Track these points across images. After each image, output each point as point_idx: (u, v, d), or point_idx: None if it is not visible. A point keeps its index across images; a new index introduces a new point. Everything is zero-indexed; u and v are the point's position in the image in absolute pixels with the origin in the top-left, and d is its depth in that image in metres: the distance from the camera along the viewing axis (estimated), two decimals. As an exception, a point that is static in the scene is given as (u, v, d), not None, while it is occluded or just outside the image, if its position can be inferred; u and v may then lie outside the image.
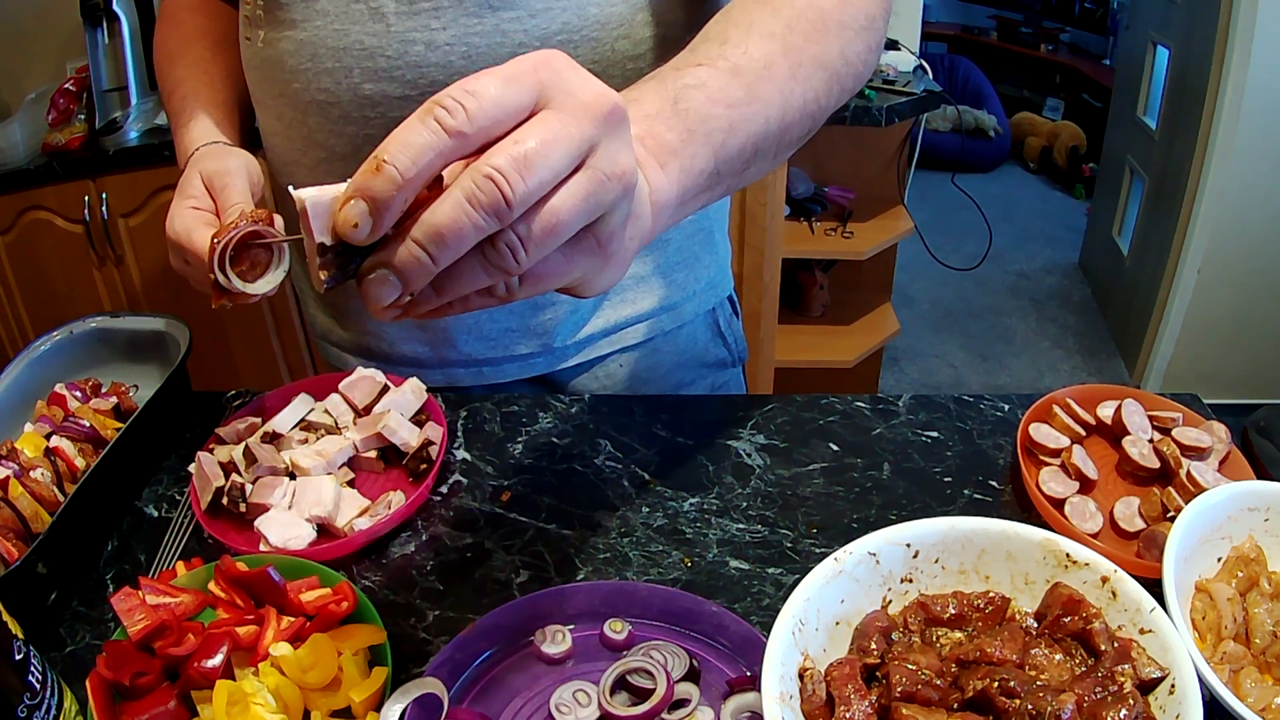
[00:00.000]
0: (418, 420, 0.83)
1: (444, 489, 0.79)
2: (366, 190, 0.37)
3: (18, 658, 0.54)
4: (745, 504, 0.76)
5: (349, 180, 0.38)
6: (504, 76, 0.38)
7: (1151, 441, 0.76)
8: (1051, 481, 0.72)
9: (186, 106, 0.80)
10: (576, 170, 0.39)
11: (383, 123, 0.73)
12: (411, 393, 0.84)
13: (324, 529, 0.74)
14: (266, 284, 0.61)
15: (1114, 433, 0.78)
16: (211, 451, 0.79)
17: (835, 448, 0.81)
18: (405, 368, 0.90)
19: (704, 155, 0.49)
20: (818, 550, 0.71)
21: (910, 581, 0.60)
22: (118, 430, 0.81)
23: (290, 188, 0.40)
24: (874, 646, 0.55)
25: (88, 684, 0.58)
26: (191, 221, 0.67)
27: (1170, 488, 0.70)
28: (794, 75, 0.55)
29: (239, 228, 0.59)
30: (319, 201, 0.39)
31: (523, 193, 0.36)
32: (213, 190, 0.70)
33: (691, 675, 0.60)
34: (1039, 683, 0.51)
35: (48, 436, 0.79)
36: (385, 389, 0.85)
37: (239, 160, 0.71)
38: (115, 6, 1.89)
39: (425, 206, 0.38)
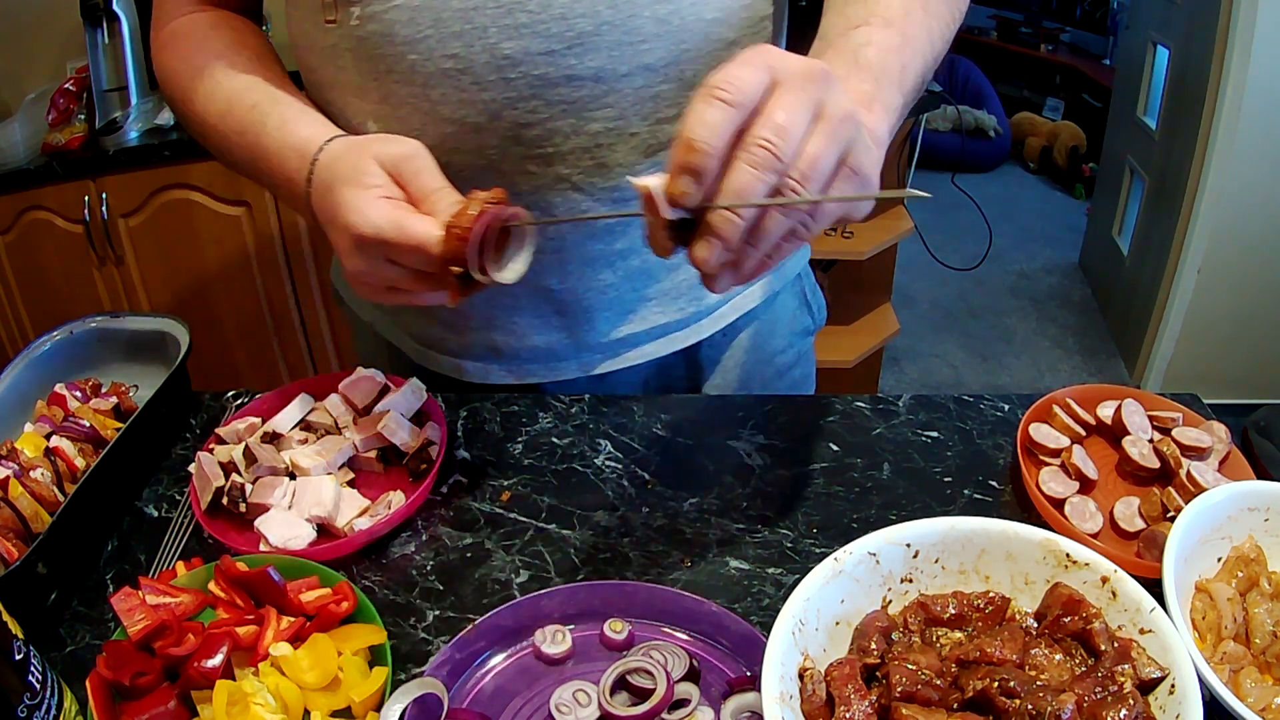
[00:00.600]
0: (418, 420, 0.83)
1: (444, 489, 0.79)
2: (688, 164, 0.47)
3: (18, 658, 0.54)
4: (745, 504, 0.76)
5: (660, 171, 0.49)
6: (747, 65, 0.48)
7: (1151, 441, 0.76)
8: (1051, 481, 0.72)
9: (275, 108, 0.73)
10: (817, 123, 0.49)
11: (526, 83, 0.69)
12: (411, 393, 0.84)
13: (324, 529, 0.74)
14: (514, 272, 0.60)
15: (1114, 433, 0.78)
16: (211, 451, 0.79)
17: (835, 448, 0.81)
18: (535, 363, 0.86)
19: (893, 93, 0.59)
20: (818, 550, 0.71)
21: (910, 581, 0.60)
22: (118, 430, 0.81)
23: (629, 178, 0.52)
24: (874, 646, 0.55)
25: (88, 684, 0.58)
26: (395, 211, 0.60)
27: (1170, 488, 0.70)
28: (927, 13, 0.64)
29: (491, 213, 0.56)
30: (658, 186, 0.49)
31: (786, 150, 0.47)
32: (401, 177, 0.63)
33: (691, 675, 0.60)
34: (1039, 683, 0.51)
35: (48, 436, 0.79)
36: (385, 389, 0.85)
37: (415, 144, 0.64)
38: (115, 6, 1.89)
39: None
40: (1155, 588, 0.56)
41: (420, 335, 0.90)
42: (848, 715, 0.50)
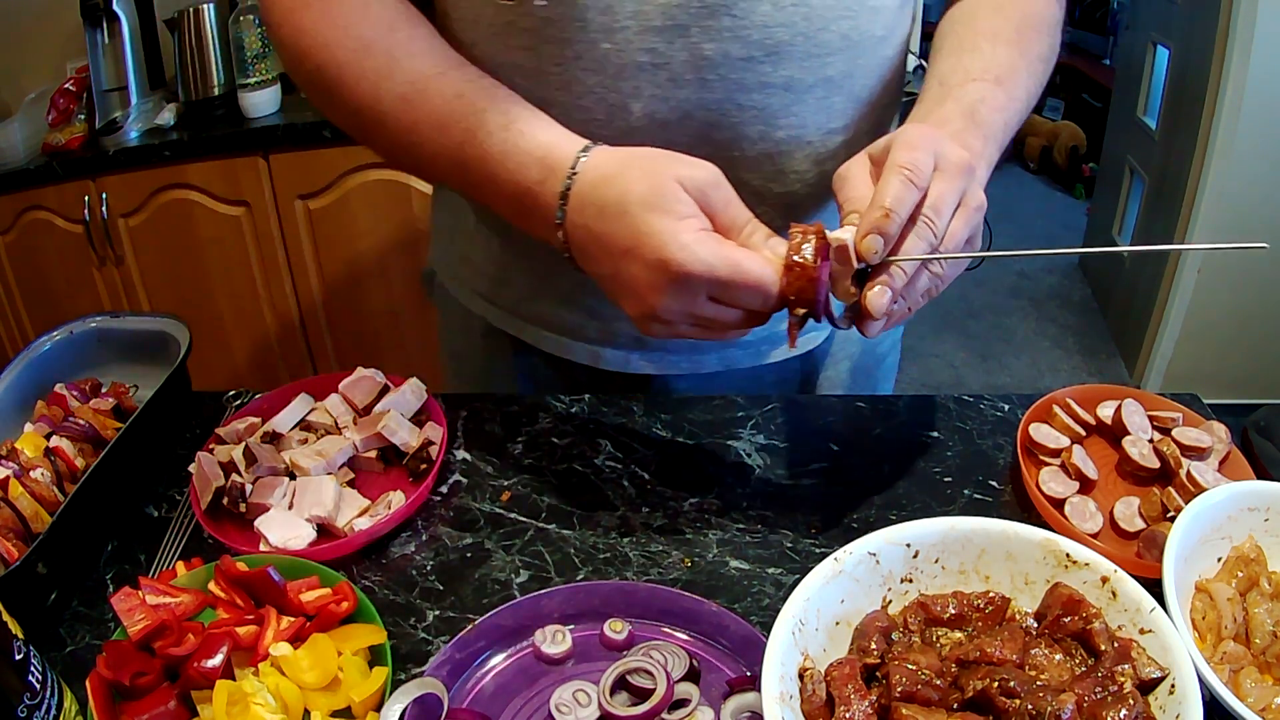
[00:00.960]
0: (418, 420, 0.83)
1: (444, 489, 0.79)
2: (883, 229, 0.56)
3: (18, 658, 0.54)
4: (745, 504, 0.76)
5: (852, 224, 0.58)
6: (923, 150, 0.57)
7: (1151, 441, 0.76)
8: (1051, 481, 0.72)
9: (493, 102, 0.65)
10: (960, 209, 0.59)
11: (722, 86, 0.67)
12: (411, 393, 0.84)
13: (324, 529, 0.74)
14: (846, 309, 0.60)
15: (1114, 433, 0.78)
16: (211, 451, 0.79)
17: (835, 448, 0.81)
18: (679, 355, 0.86)
19: (994, 151, 0.66)
20: (818, 550, 0.71)
21: (910, 581, 0.60)
22: (118, 430, 0.81)
23: (829, 231, 0.58)
24: (874, 646, 0.55)
25: (88, 684, 0.58)
26: (724, 248, 0.56)
27: (1170, 488, 0.70)
28: (1029, 72, 0.70)
29: (829, 248, 0.56)
30: (850, 240, 0.57)
31: (939, 227, 0.57)
32: (710, 207, 0.59)
33: (691, 675, 0.60)
34: (1039, 683, 0.51)
35: (48, 436, 0.79)
36: (385, 389, 0.85)
37: (712, 168, 0.60)
38: (115, 6, 1.88)
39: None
40: (1155, 588, 0.56)
41: (555, 323, 0.86)
42: (848, 715, 0.50)
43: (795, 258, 0.56)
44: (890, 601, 0.60)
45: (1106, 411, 0.79)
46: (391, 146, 0.70)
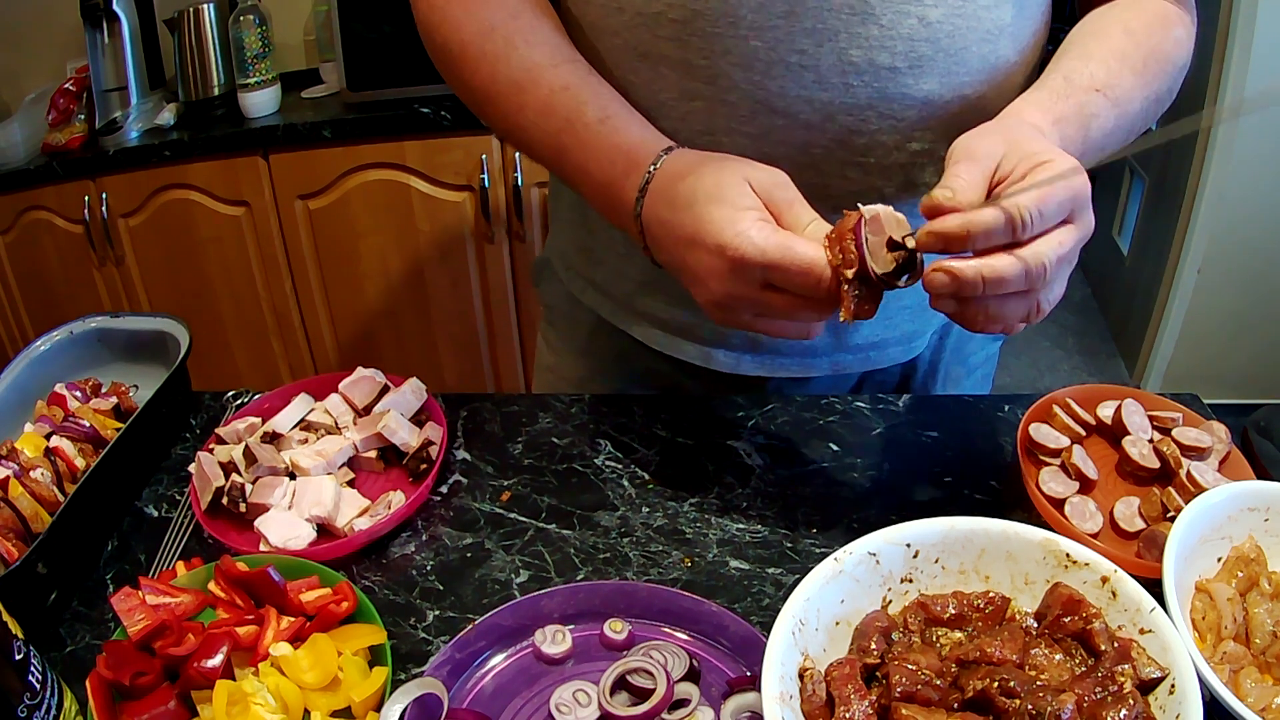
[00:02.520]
0: (418, 420, 0.83)
1: (444, 489, 0.79)
2: (948, 238, 0.55)
3: (18, 658, 0.54)
4: (745, 504, 0.76)
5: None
6: (1058, 204, 0.55)
7: (1151, 441, 0.75)
8: (1051, 481, 0.72)
9: (595, 97, 0.69)
10: (1066, 265, 0.57)
11: (866, 93, 0.68)
12: (411, 393, 0.84)
13: (324, 529, 0.74)
14: (919, 276, 0.59)
15: (1114, 433, 0.77)
16: (211, 451, 0.79)
17: (835, 448, 0.81)
18: (790, 358, 0.85)
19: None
20: (818, 550, 0.71)
21: (910, 581, 0.60)
22: (118, 430, 0.81)
23: (861, 206, 0.58)
24: (874, 646, 0.55)
25: (88, 684, 0.58)
26: (778, 234, 0.58)
27: (1170, 488, 0.70)
28: (1143, 108, 0.70)
29: (864, 226, 0.57)
30: (887, 213, 0.58)
31: (1038, 281, 0.55)
32: (774, 204, 0.60)
33: (691, 675, 0.60)
34: (1039, 683, 0.51)
35: (48, 436, 0.79)
36: (385, 389, 0.85)
37: (780, 172, 0.62)
38: (115, 6, 1.88)
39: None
40: (1155, 588, 0.56)
41: (669, 321, 0.86)
42: (848, 715, 0.50)
43: (833, 233, 0.58)
44: (890, 601, 0.60)
45: (1106, 411, 0.79)
46: (501, 124, 0.74)
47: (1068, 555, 0.58)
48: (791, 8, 0.66)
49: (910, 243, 0.57)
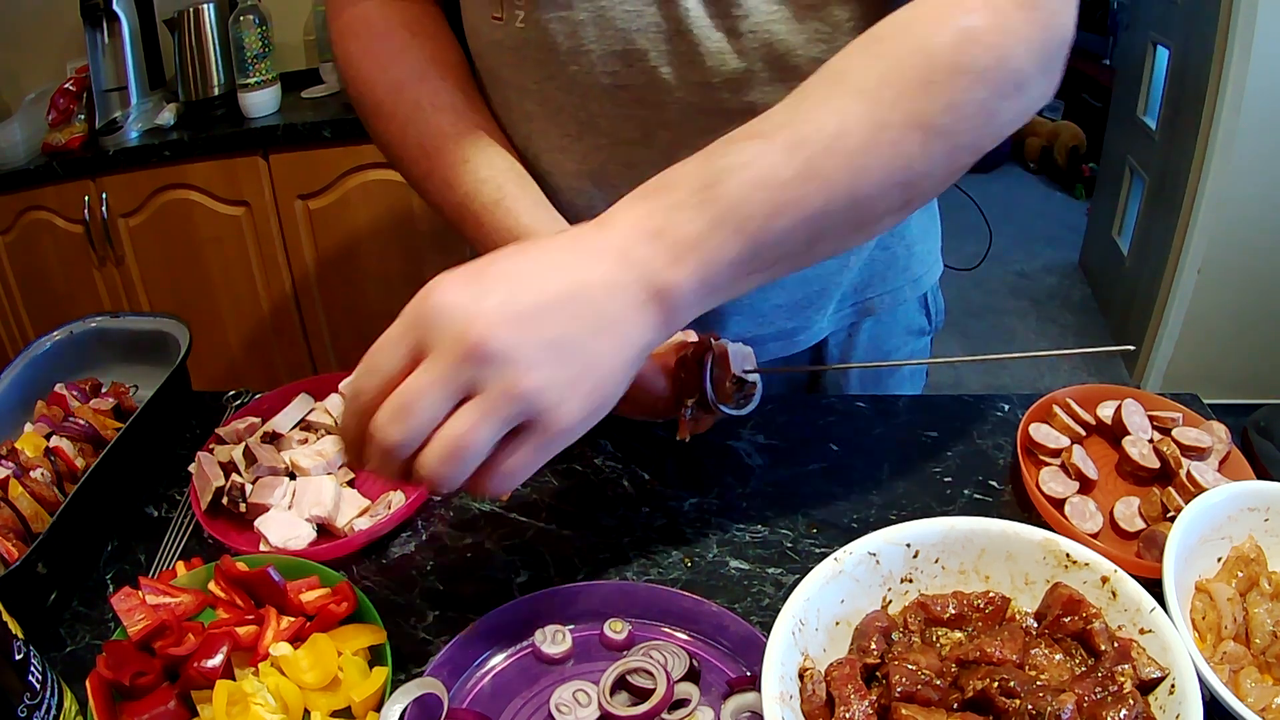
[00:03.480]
0: (418, 420, 0.83)
1: (444, 489, 0.79)
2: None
3: (18, 658, 0.54)
4: (745, 504, 0.76)
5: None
6: (386, 352, 0.48)
7: (1151, 441, 0.76)
8: (1051, 481, 0.72)
9: (492, 179, 0.71)
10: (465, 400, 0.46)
11: (679, 109, 0.69)
12: (411, 393, 0.84)
13: (324, 529, 0.74)
14: (753, 406, 0.63)
15: (1114, 433, 0.78)
16: (211, 451, 0.79)
17: (835, 448, 0.81)
18: None
19: (734, 244, 0.50)
20: (818, 550, 0.71)
21: (910, 581, 0.60)
22: (118, 430, 0.81)
23: (715, 341, 0.61)
24: (874, 646, 0.55)
25: (88, 684, 0.58)
26: None
27: (1170, 488, 0.70)
28: (874, 141, 0.51)
29: (710, 360, 0.60)
30: (739, 350, 0.61)
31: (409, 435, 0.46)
32: None
33: (691, 675, 0.60)
34: (1039, 683, 0.51)
35: (48, 436, 0.79)
36: (385, 389, 0.85)
37: None
38: (115, 6, 1.89)
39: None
40: (1155, 588, 0.56)
41: None
42: (848, 715, 0.50)
43: (681, 359, 0.62)
44: (890, 601, 0.60)
45: (1106, 411, 0.79)
46: (412, 182, 0.76)
47: (1068, 555, 0.58)
48: (601, 31, 0.68)
49: (752, 377, 0.62)
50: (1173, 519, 0.63)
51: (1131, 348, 0.52)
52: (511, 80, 0.74)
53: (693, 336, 0.66)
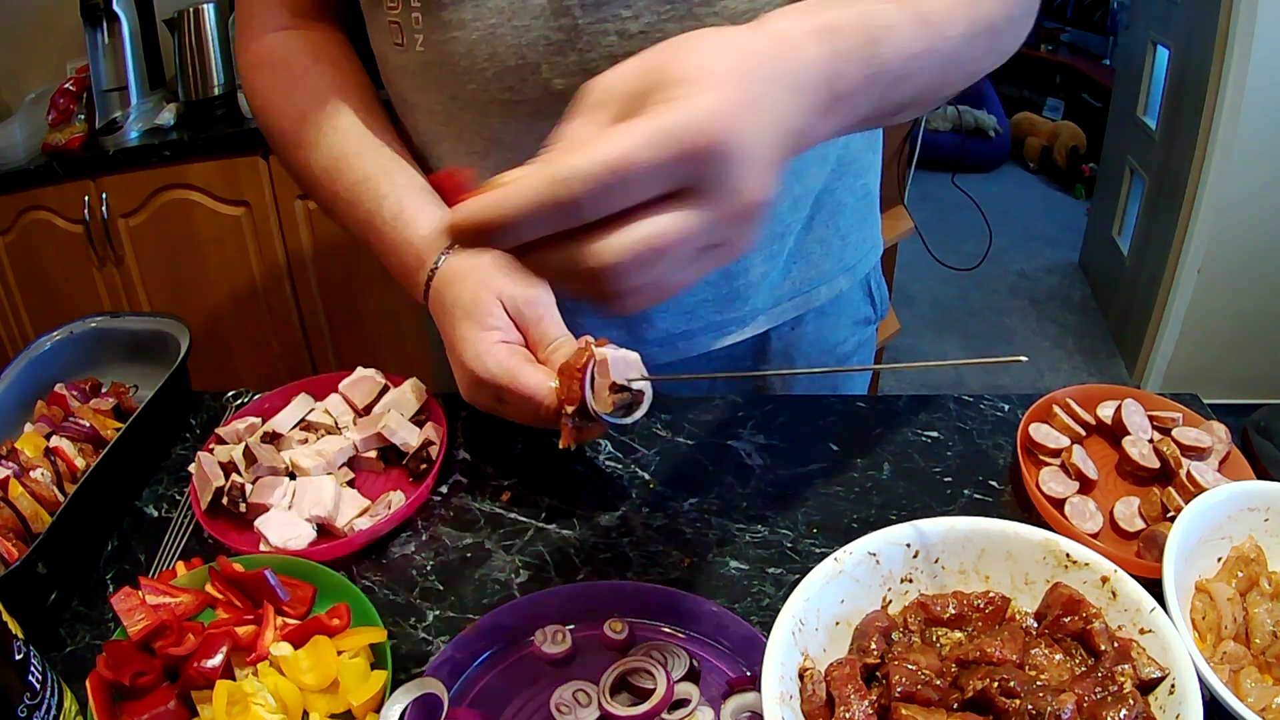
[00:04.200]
0: (418, 420, 0.83)
1: (444, 489, 0.79)
2: (498, 208, 0.40)
3: (18, 658, 0.54)
4: (745, 504, 0.76)
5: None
6: (649, 167, 0.37)
7: (1151, 441, 0.76)
8: (1051, 481, 0.72)
9: (392, 189, 0.74)
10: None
11: None
12: (411, 393, 0.84)
13: (324, 529, 0.74)
14: (639, 415, 0.63)
15: (1114, 433, 0.78)
16: (211, 451, 0.79)
17: (835, 448, 0.81)
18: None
19: (868, 102, 0.50)
20: (818, 550, 0.71)
21: (910, 581, 0.60)
22: (118, 430, 0.81)
23: (593, 345, 0.60)
24: (874, 646, 0.55)
25: (88, 684, 0.58)
26: (511, 360, 0.64)
27: (1170, 488, 0.70)
28: (968, 33, 0.55)
29: (591, 368, 0.60)
30: (616, 356, 0.60)
31: (608, 278, 0.40)
32: (523, 321, 0.67)
33: (691, 675, 0.60)
34: (1039, 683, 0.51)
35: (48, 436, 0.79)
36: (385, 389, 0.85)
37: (539, 285, 0.66)
38: (115, 6, 1.89)
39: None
40: (1155, 588, 0.56)
41: None
42: (848, 715, 0.50)
43: (565, 362, 0.62)
44: (890, 601, 0.60)
45: (1106, 411, 0.79)
46: (321, 204, 0.80)
47: (1068, 555, 0.58)
48: (493, 49, 0.69)
49: (635, 385, 0.62)
50: (1173, 519, 0.63)
51: (1024, 359, 0.49)
52: (419, 103, 0.77)
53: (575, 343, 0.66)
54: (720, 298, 0.86)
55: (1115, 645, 0.53)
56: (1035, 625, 0.57)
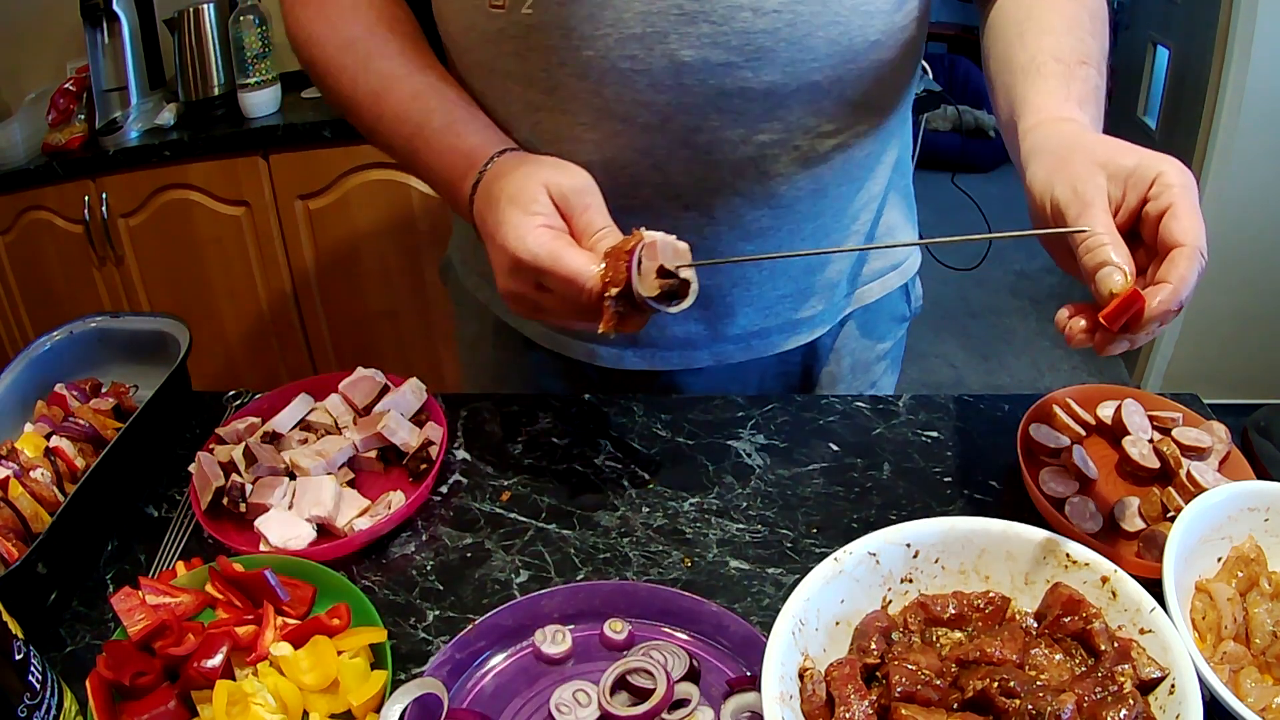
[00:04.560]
0: (418, 420, 0.83)
1: (444, 489, 0.79)
2: (1165, 309, 0.54)
3: (18, 658, 0.54)
4: (745, 504, 0.76)
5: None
6: (1198, 227, 0.54)
7: (1151, 441, 0.75)
8: (1051, 481, 0.72)
9: (441, 104, 0.74)
10: None
11: (701, 91, 0.69)
12: (411, 393, 0.84)
13: (324, 529, 0.74)
14: (684, 305, 0.61)
15: (1114, 433, 0.77)
16: (211, 451, 0.79)
17: (835, 448, 0.81)
18: (670, 351, 0.87)
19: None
20: (818, 550, 0.71)
21: (910, 581, 0.60)
22: (118, 430, 0.81)
23: (644, 230, 0.60)
24: (874, 646, 0.55)
25: (88, 684, 0.58)
26: (554, 242, 0.62)
27: (1170, 488, 0.70)
28: (1100, 65, 0.68)
29: (639, 249, 0.58)
30: (665, 241, 0.60)
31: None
32: (568, 210, 0.65)
33: (691, 675, 0.60)
34: (1039, 683, 0.51)
35: (48, 436, 0.79)
36: (385, 389, 0.85)
37: (586, 176, 0.66)
38: (115, 6, 1.88)
39: None
40: (1155, 588, 0.56)
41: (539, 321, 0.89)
42: (848, 715, 0.50)
43: (613, 247, 0.61)
44: (890, 601, 0.60)
45: (1106, 411, 0.79)
46: (364, 130, 0.79)
47: (1068, 555, 0.58)
48: (619, 14, 0.67)
49: (683, 273, 0.61)
50: (1173, 519, 0.63)
51: (1087, 230, 0.55)
52: (513, 70, 0.73)
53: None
54: (799, 292, 0.85)
55: (1115, 645, 0.53)
56: (1035, 625, 0.57)
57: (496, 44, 0.73)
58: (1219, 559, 0.63)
